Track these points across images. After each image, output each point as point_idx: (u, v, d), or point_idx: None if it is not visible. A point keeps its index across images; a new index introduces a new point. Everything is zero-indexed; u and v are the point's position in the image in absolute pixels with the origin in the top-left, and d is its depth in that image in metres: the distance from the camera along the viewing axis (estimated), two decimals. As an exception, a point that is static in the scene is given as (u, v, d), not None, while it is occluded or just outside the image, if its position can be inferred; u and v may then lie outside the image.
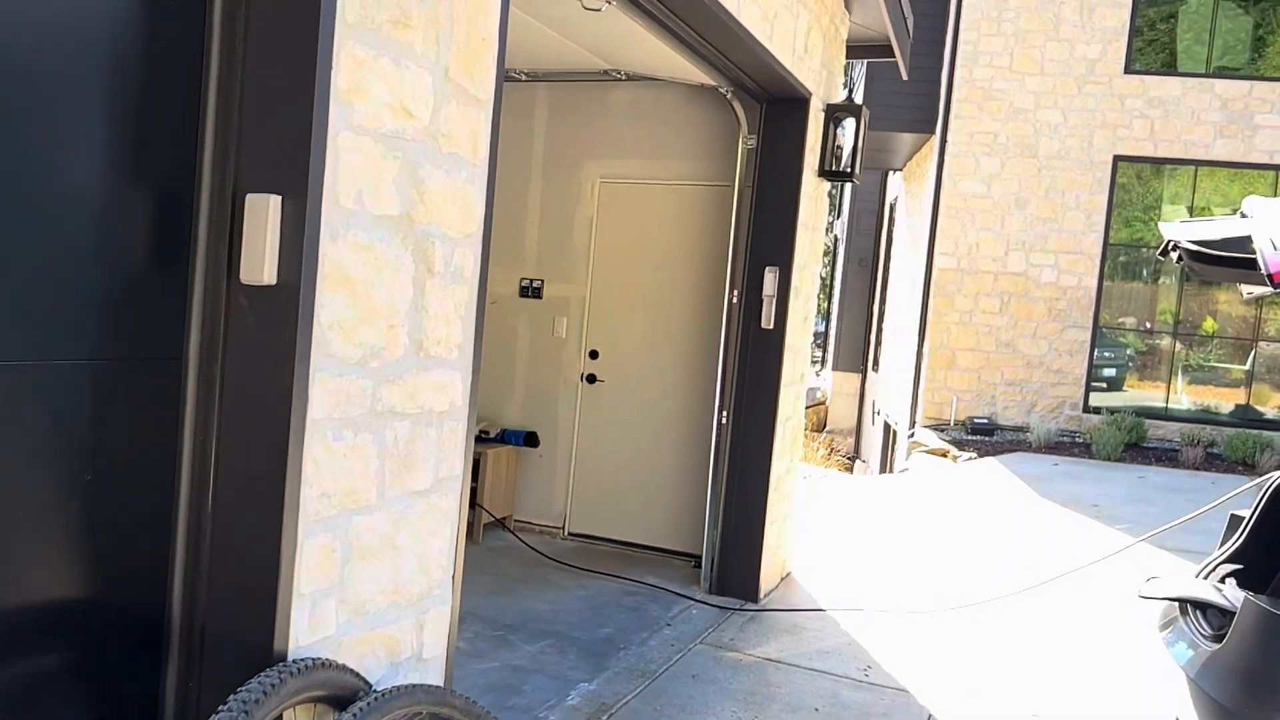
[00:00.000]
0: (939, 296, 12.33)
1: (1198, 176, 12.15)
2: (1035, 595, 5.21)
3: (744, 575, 5.54)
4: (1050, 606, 5.51)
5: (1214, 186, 12.15)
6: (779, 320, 5.42)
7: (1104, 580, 5.61)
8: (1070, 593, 5.49)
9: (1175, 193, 12.34)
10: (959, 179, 12.22)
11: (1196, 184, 12.22)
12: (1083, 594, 5.67)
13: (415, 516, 2.41)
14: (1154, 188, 12.37)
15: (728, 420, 5.54)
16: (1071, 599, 5.59)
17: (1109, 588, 5.83)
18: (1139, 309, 12.59)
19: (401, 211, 2.22)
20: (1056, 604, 5.54)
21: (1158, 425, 11.74)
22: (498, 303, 6.63)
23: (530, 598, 5.27)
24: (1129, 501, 8.48)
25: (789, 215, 5.39)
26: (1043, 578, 5.30)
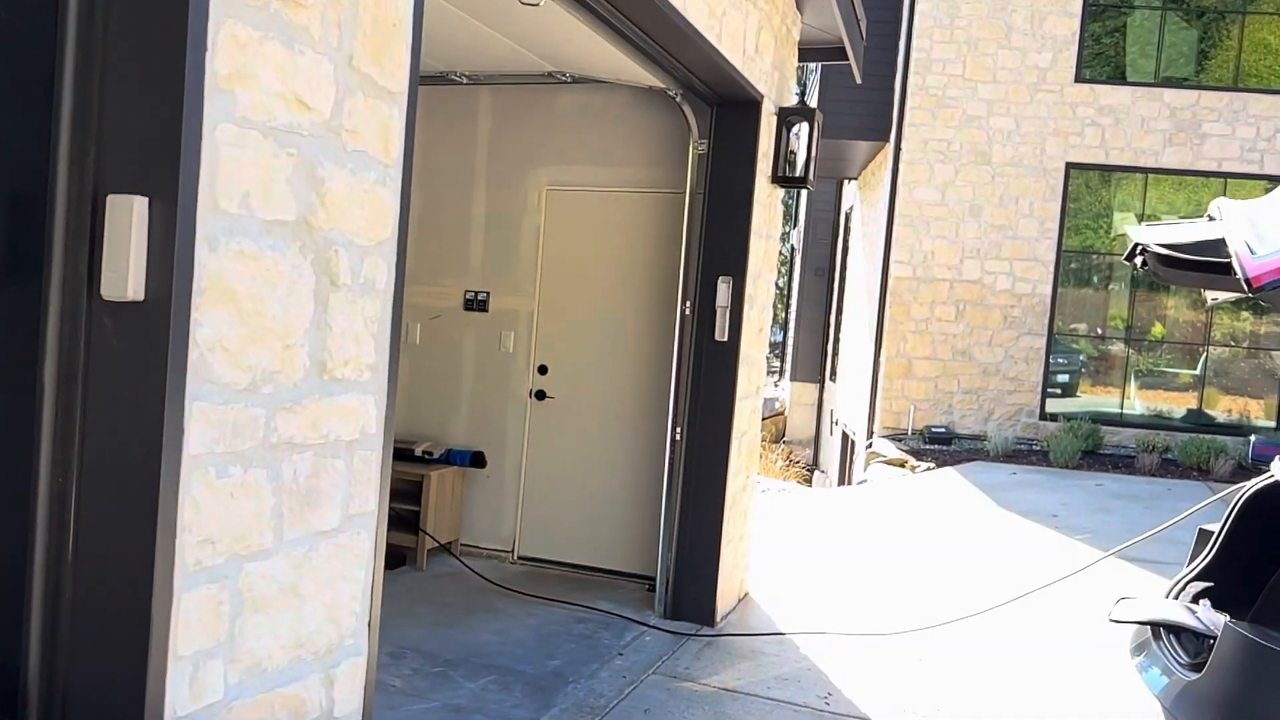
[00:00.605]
0: (895, 305, 12.24)
1: (1148, 184, 12.22)
2: (1000, 614, 5.04)
3: (700, 598, 5.31)
4: (1016, 626, 5.34)
5: (1160, 195, 12.23)
6: (733, 332, 5.21)
7: (1070, 596, 5.46)
8: (1036, 611, 5.33)
9: (1124, 200, 12.39)
10: (914, 186, 12.16)
11: (1146, 192, 12.28)
12: (1049, 612, 5.52)
13: (321, 560, 2.14)
14: (1103, 196, 12.41)
15: (681, 436, 5.31)
16: (1038, 618, 5.43)
17: (1075, 605, 5.68)
18: (1091, 315, 12.62)
19: (298, 216, 1.97)
20: (1022, 623, 5.37)
21: (1113, 431, 11.73)
22: (441, 316, 6.35)
23: (475, 628, 4.99)
24: (1088, 510, 8.40)
25: (742, 223, 5.19)
26: (1007, 596, 5.13)
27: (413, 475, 5.97)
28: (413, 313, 6.41)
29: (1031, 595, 4.87)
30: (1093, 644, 5.19)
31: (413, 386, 6.44)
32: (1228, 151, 11.78)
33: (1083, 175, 12.15)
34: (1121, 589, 6.05)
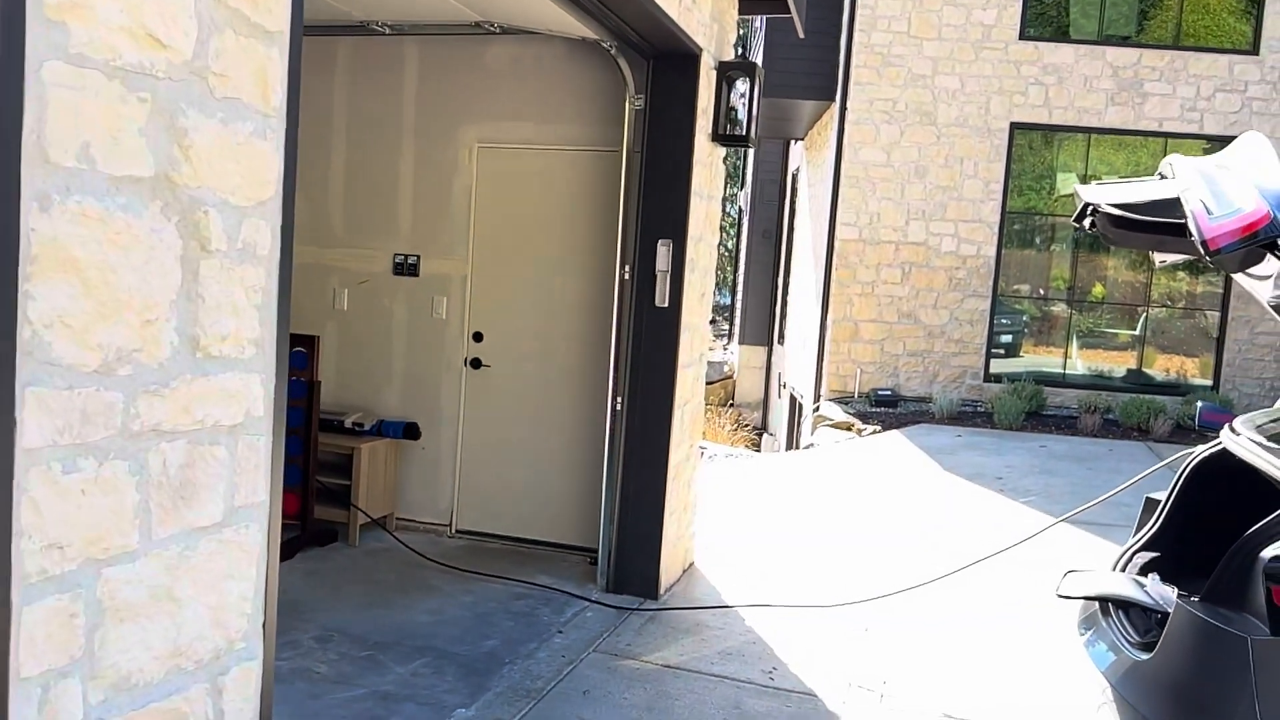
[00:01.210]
0: (841, 268, 12.14)
1: (1090, 145, 12.22)
2: (947, 584, 4.97)
3: (643, 571, 5.16)
4: (963, 595, 5.28)
5: (1101, 155, 12.24)
6: (674, 297, 5.01)
7: (1016, 563, 5.41)
8: (982, 578, 5.26)
9: (1066, 161, 12.39)
10: (859, 147, 12.02)
11: (1089, 152, 12.29)
12: (995, 579, 5.46)
13: (202, 559, 1.91)
14: (1045, 157, 12.39)
15: (622, 406, 5.12)
16: (984, 586, 5.37)
17: (1021, 571, 5.64)
18: (1033, 276, 12.66)
19: (157, 172, 1.71)
20: (969, 592, 5.31)
21: (1056, 392, 11.80)
22: (370, 281, 6.06)
23: (408, 608, 4.79)
24: (1032, 473, 8.41)
25: (682, 183, 4.97)
26: (953, 565, 5.06)
27: (343, 448, 5.72)
28: (340, 277, 6.11)
29: (978, 564, 4.79)
30: (1040, 613, 5.15)
31: (341, 355, 6.16)
32: (1168, 111, 11.81)
33: (1027, 135, 12.11)
34: (1067, 554, 6.03)
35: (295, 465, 5.52)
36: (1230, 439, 2.92)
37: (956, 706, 4.08)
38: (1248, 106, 11.62)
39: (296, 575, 5.13)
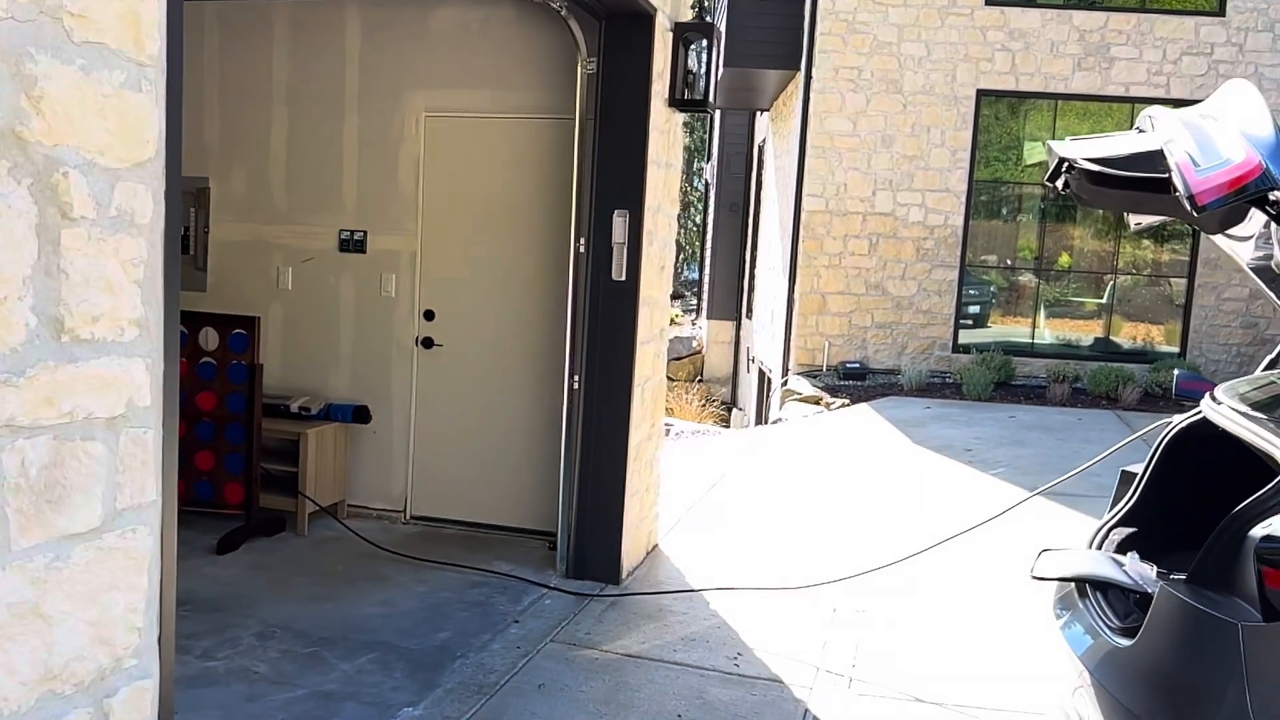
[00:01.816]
0: (808, 239, 11.96)
1: (1057, 112, 12.09)
2: (916, 563, 4.82)
3: (604, 556, 4.97)
4: (932, 573, 5.14)
5: (1067, 125, 12.11)
6: (631, 271, 4.80)
7: (988, 539, 5.27)
8: (953, 556, 5.12)
9: (1033, 130, 12.25)
10: (825, 117, 11.81)
11: (1056, 120, 12.16)
12: (966, 555, 5.32)
13: (77, 569, 1.69)
14: (1012, 127, 12.25)
15: (580, 385, 4.91)
16: (954, 563, 5.23)
17: (993, 548, 5.51)
18: (1001, 246, 12.55)
19: (2, 126, 1.47)
20: (939, 569, 5.17)
21: (1024, 362, 11.73)
22: (314, 259, 5.79)
23: (357, 600, 4.57)
24: (1001, 444, 8.32)
25: (638, 151, 4.75)
26: (922, 543, 4.91)
27: (288, 433, 5.47)
28: (283, 255, 5.84)
29: (948, 541, 4.65)
30: (1012, 590, 5.02)
31: (286, 336, 5.89)
32: (1135, 75, 11.69)
33: (994, 104, 11.95)
34: (1037, 527, 5.91)
35: (238, 453, 5.27)
36: (1212, 409, 2.77)
37: (927, 690, 3.94)
38: (1214, 69, 11.53)
39: (240, 568, 4.90)
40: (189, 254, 5.97)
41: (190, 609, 4.30)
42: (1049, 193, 12.33)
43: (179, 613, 4.32)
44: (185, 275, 5.95)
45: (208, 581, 4.67)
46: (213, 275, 5.97)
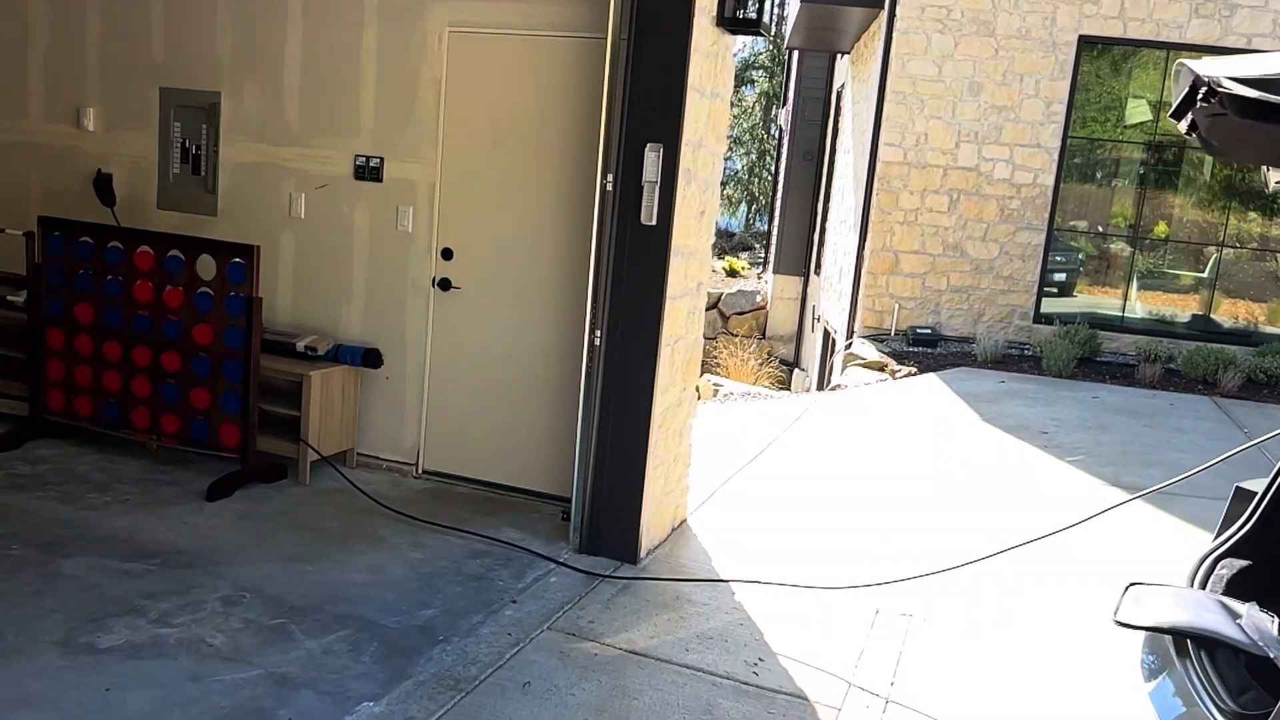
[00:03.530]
0: (883, 192, 11.15)
1: (1168, 63, 10.98)
2: (981, 568, 4.21)
3: (620, 531, 4.46)
4: (995, 577, 4.51)
5: (1178, 81, 10.97)
6: (664, 214, 4.21)
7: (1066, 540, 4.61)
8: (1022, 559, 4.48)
9: (1136, 88, 11.15)
10: (908, 60, 10.91)
11: (1166, 73, 11.06)
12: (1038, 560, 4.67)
13: None
14: (1112, 87, 11.16)
15: (601, 341, 4.37)
16: (1023, 569, 4.59)
17: (1072, 552, 4.85)
18: (1091, 211, 11.55)
19: None
20: (1003, 574, 4.54)
21: (1112, 337, 10.83)
22: (329, 186, 5.32)
23: (344, 564, 4.15)
24: (1081, 427, 7.56)
25: (676, 75, 4.12)
26: (985, 540, 4.30)
27: (292, 374, 5.05)
28: (296, 180, 5.37)
29: (1014, 549, 4.02)
30: (1092, 609, 4.38)
31: (298, 269, 5.45)
32: (1259, 26, 10.53)
33: (1094, 60, 10.88)
34: (1126, 533, 5.22)
35: (235, 393, 4.86)
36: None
37: (976, 721, 3.36)
38: (1353, 22, 10.31)
39: (227, 517, 4.52)
40: (199, 174, 5.56)
41: (158, 563, 3.93)
42: (1150, 156, 11.31)
43: (146, 567, 3.98)
44: (195, 197, 5.55)
45: (187, 532, 4.29)
46: (223, 199, 5.54)
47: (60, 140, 5.83)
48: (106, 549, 4.00)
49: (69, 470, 4.88)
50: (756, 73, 29.82)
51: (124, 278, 4.99)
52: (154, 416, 5.01)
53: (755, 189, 29.78)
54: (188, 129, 5.55)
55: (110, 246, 5.01)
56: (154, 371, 4.98)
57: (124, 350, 5.02)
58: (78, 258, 5.06)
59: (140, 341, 4.98)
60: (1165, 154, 11.26)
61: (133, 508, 4.50)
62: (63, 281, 5.10)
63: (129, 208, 5.69)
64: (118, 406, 5.07)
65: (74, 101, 5.77)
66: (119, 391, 5.06)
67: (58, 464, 4.94)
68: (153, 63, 5.56)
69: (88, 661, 3.14)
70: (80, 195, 5.71)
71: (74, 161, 5.79)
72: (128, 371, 5.02)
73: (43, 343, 5.15)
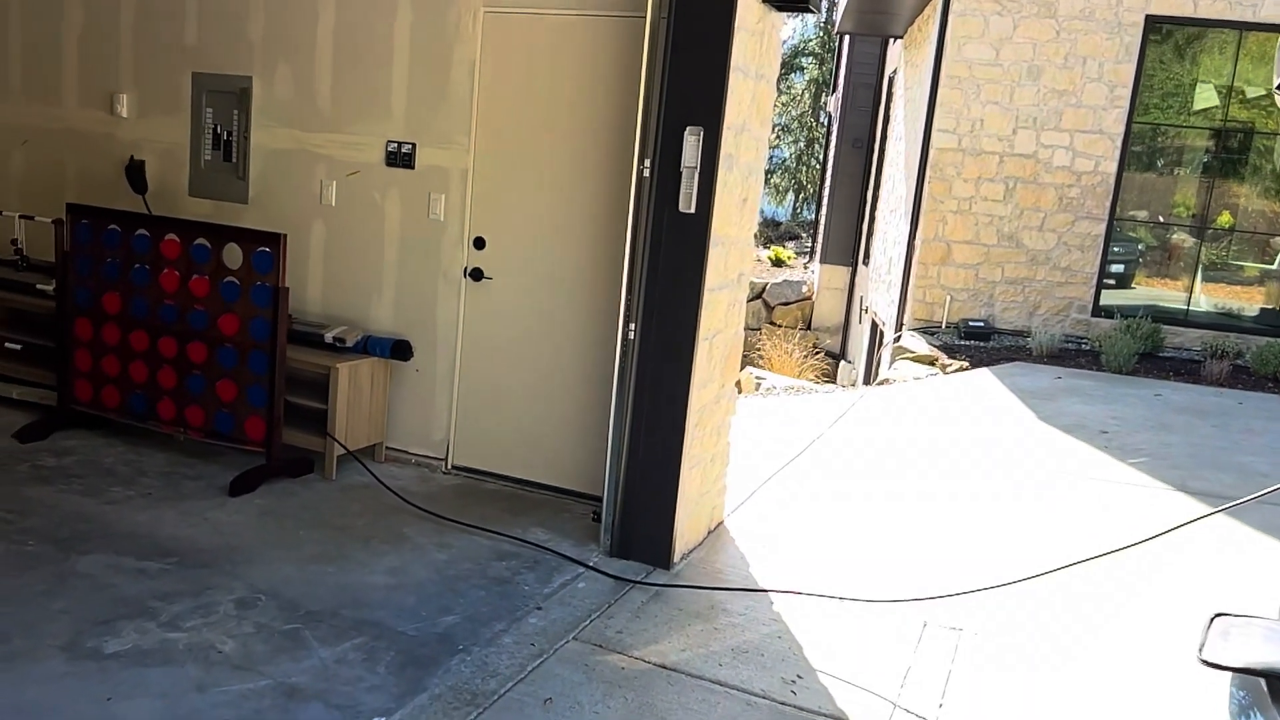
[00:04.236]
0: (935, 180, 10.77)
1: (1240, 47, 10.44)
2: (1037, 586, 3.93)
3: (653, 534, 4.26)
4: (1059, 597, 4.23)
5: (1251, 66, 10.44)
6: (703, 202, 3.98)
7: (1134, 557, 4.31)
8: (1090, 577, 4.19)
9: (1204, 73, 10.60)
10: (964, 43, 10.51)
11: (1238, 58, 10.51)
12: (1102, 578, 4.37)
13: None
14: (1175, 72, 10.61)
15: (635, 334, 4.16)
16: (1086, 586, 4.30)
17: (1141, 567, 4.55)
18: (1153, 200, 11.04)
19: None
20: (1069, 594, 4.26)
21: (1175, 331, 10.36)
22: (360, 173, 5.16)
23: (364, 565, 4.00)
24: (1144, 427, 7.18)
25: (718, 53, 3.88)
26: (1039, 549, 4.02)
27: (320, 366, 4.91)
28: (327, 167, 5.23)
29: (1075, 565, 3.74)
30: (1167, 634, 4.09)
31: (329, 258, 5.32)
32: (1342, 5, 9.96)
33: (1159, 45, 10.36)
34: (1204, 549, 4.88)
35: (261, 385, 4.74)
36: None
37: (1032, 752, 3.10)
38: None
39: (249, 514, 4.39)
40: (230, 161, 5.44)
41: (175, 562, 3.81)
42: (1215, 143, 10.78)
43: (162, 565, 3.87)
44: (226, 184, 5.44)
45: (207, 529, 4.17)
46: (253, 187, 5.42)
47: (94, 127, 5.76)
48: (124, 545, 3.90)
49: (95, 462, 4.79)
50: (806, 59, 29.33)
51: (150, 266, 4.89)
52: (180, 408, 4.91)
53: (803, 177, 29.33)
54: (219, 114, 5.44)
55: (138, 234, 4.91)
56: (180, 363, 4.87)
57: (150, 340, 4.92)
58: (105, 245, 4.97)
59: (166, 332, 4.88)
60: (1230, 141, 10.74)
61: (155, 502, 4.39)
62: (90, 270, 5.01)
63: (161, 195, 5.60)
64: (144, 398, 4.98)
65: (108, 88, 5.68)
66: (145, 382, 4.96)
67: (84, 456, 4.86)
68: (185, 46, 5.44)
69: (92, 668, 3.02)
70: (114, 182, 5.64)
71: (108, 148, 5.71)
72: (154, 362, 4.93)
73: (70, 332, 5.08)
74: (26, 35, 5.84)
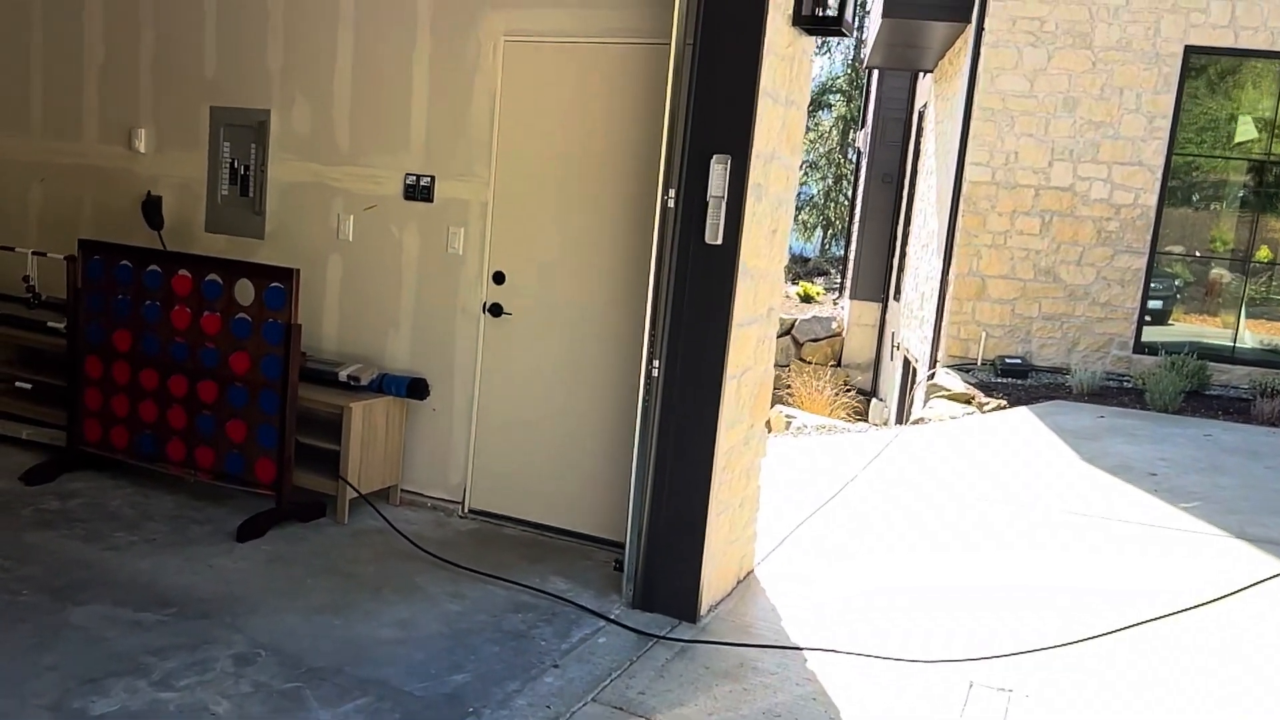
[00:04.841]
0: (969, 214, 10.53)
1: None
2: (1094, 649, 3.64)
3: (679, 585, 4.01)
4: (1118, 657, 3.93)
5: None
6: (730, 233, 3.78)
7: (1196, 618, 4.01)
8: (1145, 639, 3.89)
9: (1244, 105, 10.31)
10: (997, 74, 10.31)
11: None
12: (1165, 637, 4.07)
13: None
14: (1209, 107, 10.32)
15: (659, 372, 3.95)
16: (1148, 651, 4.00)
17: (1204, 630, 4.24)
18: (1193, 234, 10.71)
19: None
20: (1129, 653, 3.96)
21: (1222, 369, 9.99)
22: (377, 206, 5.03)
23: (373, 617, 3.78)
24: (1195, 469, 6.84)
25: (746, 78, 3.71)
26: (1098, 608, 3.73)
27: (333, 406, 4.74)
28: (344, 201, 5.10)
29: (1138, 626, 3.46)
30: (1232, 705, 3.78)
31: (344, 294, 5.17)
32: (1388, 34, 9.68)
33: (1195, 79, 10.09)
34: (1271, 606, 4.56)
35: (272, 425, 4.57)
36: None
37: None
38: None
39: (256, 560, 4.20)
40: (246, 195, 5.33)
41: (174, 613, 3.62)
42: (1252, 177, 10.48)
43: (159, 617, 3.67)
44: (242, 219, 5.32)
45: (211, 577, 3.98)
46: (270, 221, 5.30)
47: (113, 162, 5.68)
48: (122, 595, 3.71)
49: (100, 506, 4.63)
50: (834, 96, 29.25)
51: (162, 302, 4.76)
52: (189, 449, 4.75)
53: (831, 213, 29.14)
54: (237, 148, 5.33)
55: (149, 270, 4.79)
56: (190, 402, 4.72)
57: (160, 379, 4.77)
58: (117, 282, 4.85)
59: (177, 370, 4.74)
60: (1270, 174, 10.43)
61: (158, 548, 4.21)
62: (102, 307, 4.89)
63: (177, 230, 5.49)
64: (153, 438, 4.82)
65: (126, 122, 5.61)
66: (155, 422, 4.81)
67: (89, 498, 4.71)
68: (204, 79, 5.36)
69: (75, 731, 2.82)
70: (131, 218, 5.54)
71: (126, 183, 5.63)
72: (164, 402, 4.78)
73: (81, 370, 4.95)
74: (49, 71, 5.80)
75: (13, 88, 5.88)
